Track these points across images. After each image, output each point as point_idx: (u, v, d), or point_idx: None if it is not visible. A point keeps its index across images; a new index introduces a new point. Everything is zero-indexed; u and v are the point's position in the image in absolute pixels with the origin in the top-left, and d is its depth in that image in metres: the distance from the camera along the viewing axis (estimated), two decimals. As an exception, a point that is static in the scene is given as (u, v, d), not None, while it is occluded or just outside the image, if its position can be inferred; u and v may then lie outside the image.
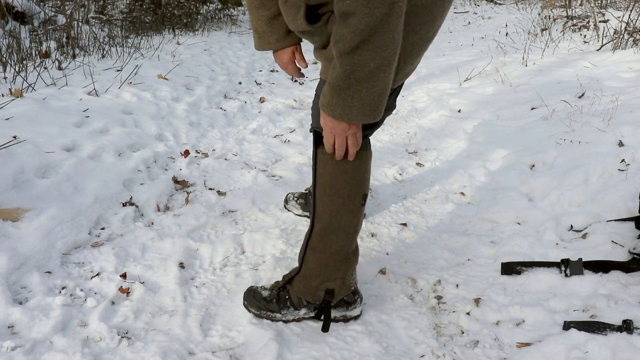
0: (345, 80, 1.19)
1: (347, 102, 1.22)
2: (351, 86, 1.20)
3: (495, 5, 9.77)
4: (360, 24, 1.12)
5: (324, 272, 1.52)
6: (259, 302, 1.59)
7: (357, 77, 1.18)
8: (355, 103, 1.22)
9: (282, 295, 1.58)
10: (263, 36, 1.53)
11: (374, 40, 1.14)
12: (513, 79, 4.01)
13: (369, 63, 1.17)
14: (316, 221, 1.48)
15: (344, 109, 1.24)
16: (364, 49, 1.15)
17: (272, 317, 1.58)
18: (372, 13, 1.11)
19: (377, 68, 1.18)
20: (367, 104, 1.23)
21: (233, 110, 3.66)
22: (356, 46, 1.14)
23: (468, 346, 1.50)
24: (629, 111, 2.72)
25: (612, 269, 1.71)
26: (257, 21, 1.52)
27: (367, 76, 1.18)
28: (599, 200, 2.08)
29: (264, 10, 1.48)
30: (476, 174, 2.58)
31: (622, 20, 4.83)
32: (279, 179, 2.60)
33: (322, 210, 1.46)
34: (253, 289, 1.63)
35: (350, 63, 1.17)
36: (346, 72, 1.18)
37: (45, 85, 3.19)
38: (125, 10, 6.60)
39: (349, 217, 1.47)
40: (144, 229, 2.05)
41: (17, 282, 1.65)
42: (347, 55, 1.16)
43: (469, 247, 2.00)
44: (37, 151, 2.27)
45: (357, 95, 1.21)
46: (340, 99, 1.22)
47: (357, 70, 1.17)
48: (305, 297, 1.55)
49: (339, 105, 1.23)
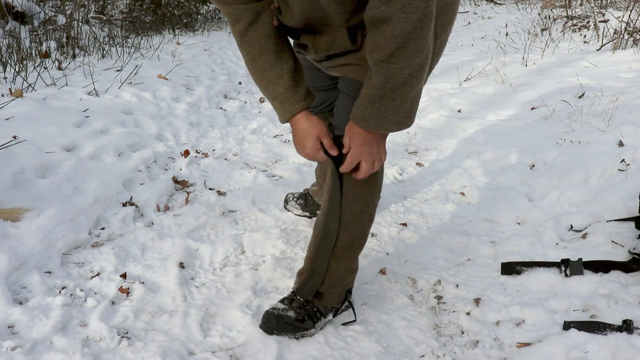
0: (380, 90, 1.18)
1: (382, 112, 1.21)
2: (385, 95, 1.18)
3: (495, 5, 9.77)
4: (395, 29, 1.11)
5: (349, 276, 1.56)
6: (292, 325, 1.50)
7: (392, 85, 1.17)
8: (389, 112, 1.21)
9: (310, 310, 1.53)
10: (288, 97, 1.35)
11: (409, 46, 1.13)
12: (513, 79, 4.01)
13: (403, 70, 1.15)
14: (342, 230, 1.47)
15: (379, 119, 1.22)
16: (399, 57, 1.13)
17: (307, 334, 1.52)
18: (407, 18, 1.10)
19: (410, 75, 1.16)
20: (402, 112, 1.22)
21: (233, 110, 3.66)
22: (392, 54, 1.13)
23: (468, 346, 1.50)
24: (629, 111, 2.72)
25: (612, 269, 1.71)
26: (276, 82, 1.35)
27: (402, 83, 1.17)
28: (599, 200, 2.08)
29: (282, 63, 1.34)
30: (476, 174, 2.58)
31: (622, 20, 4.83)
32: (279, 179, 2.60)
33: (351, 219, 1.46)
34: (276, 314, 1.51)
35: (386, 71, 1.16)
36: (381, 81, 1.17)
37: (45, 85, 3.19)
38: (125, 10, 6.60)
39: (371, 222, 1.53)
40: (144, 229, 2.05)
41: (17, 282, 1.65)
42: (383, 63, 1.15)
43: (469, 247, 2.00)
44: (37, 151, 2.27)
45: (391, 103, 1.19)
46: (375, 109, 1.21)
47: (392, 78, 1.16)
48: (334, 303, 1.56)
49: (373, 115, 1.22)
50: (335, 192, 1.44)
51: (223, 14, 1.35)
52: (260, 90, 1.40)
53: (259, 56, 1.33)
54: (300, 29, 1.34)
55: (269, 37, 1.32)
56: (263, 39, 1.32)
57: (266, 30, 1.31)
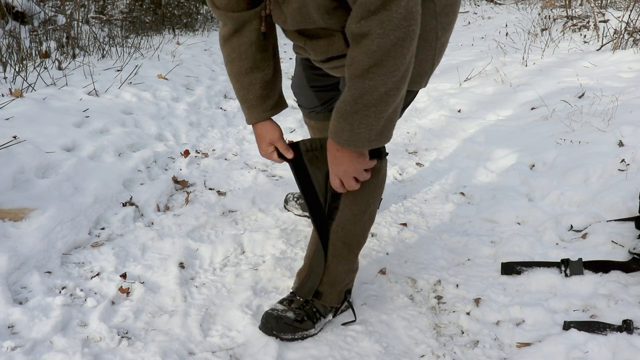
0: (353, 105, 1.16)
1: (354, 128, 1.18)
2: (358, 111, 1.16)
3: (495, 5, 9.77)
4: (372, 45, 1.09)
5: (348, 276, 1.56)
6: (292, 326, 1.49)
7: (366, 101, 1.15)
8: (362, 129, 1.18)
9: (309, 310, 1.53)
10: (256, 105, 1.43)
11: (386, 64, 1.11)
12: (513, 79, 4.01)
13: (379, 88, 1.13)
14: (338, 229, 1.47)
15: (350, 135, 1.20)
16: (375, 73, 1.12)
17: (307, 334, 1.52)
18: (385, 34, 1.08)
19: (386, 93, 1.14)
20: (374, 130, 1.19)
21: (233, 110, 3.66)
22: (367, 69, 1.11)
23: (468, 346, 1.50)
24: (629, 111, 2.72)
25: (612, 269, 1.71)
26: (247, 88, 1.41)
27: (376, 101, 1.15)
28: (599, 200, 2.08)
29: (258, 72, 1.39)
30: (476, 174, 2.58)
31: (622, 20, 4.83)
32: (279, 179, 2.60)
33: (348, 219, 1.46)
34: (275, 315, 1.51)
35: (360, 87, 1.14)
36: (354, 96, 1.15)
37: (45, 85, 3.19)
38: (125, 10, 6.60)
39: (370, 222, 1.52)
40: (144, 229, 2.05)
41: (17, 282, 1.65)
42: (357, 78, 1.13)
43: (469, 247, 2.00)
44: (37, 151, 2.27)
45: (364, 120, 1.17)
46: (347, 124, 1.19)
47: (365, 94, 1.14)
48: (333, 303, 1.55)
49: (345, 130, 1.20)
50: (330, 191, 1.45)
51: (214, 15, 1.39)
52: (234, 91, 1.46)
53: (237, 61, 1.39)
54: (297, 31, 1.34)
55: (250, 46, 1.36)
56: (244, 46, 1.36)
57: (249, 38, 1.35)
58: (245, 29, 1.34)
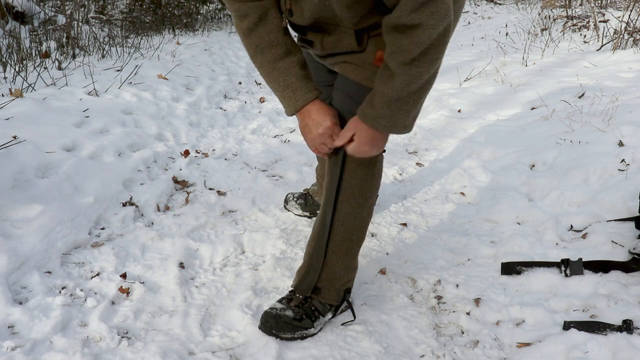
0: (400, 92, 1.21)
1: (394, 114, 1.24)
2: (401, 98, 1.22)
3: (495, 5, 9.77)
4: (423, 35, 1.14)
5: (347, 273, 1.56)
6: (290, 324, 1.49)
7: (411, 89, 1.20)
8: (401, 115, 1.25)
9: (307, 309, 1.52)
10: (301, 86, 1.34)
11: (432, 52, 1.17)
12: (513, 79, 4.01)
13: (423, 75, 1.19)
14: (338, 224, 1.48)
15: (390, 121, 1.25)
16: (422, 61, 1.17)
17: (307, 334, 1.51)
18: (436, 25, 1.13)
19: (428, 80, 1.21)
20: (411, 116, 1.26)
21: (233, 110, 3.66)
22: (416, 57, 1.16)
23: (468, 346, 1.50)
24: (629, 111, 2.72)
25: (612, 269, 1.71)
26: (287, 72, 1.34)
27: (420, 87, 1.21)
28: (599, 200, 2.08)
29: (292, 55, 1.35)
30: (476, 174, 2.58)
31: (622, 20, 4.83)
32: (279, 179, 2.60)
33: (347, 213, 1.47)
34: (273, 314, 1.50)
35: (409, 74, 1.18)
36: (403, 82, 1.20)
37: (45, 85, 3.19)
38: (125, 10, 6.59)
39: (369, 217, 1.53)
40: (144, 229, 2.05)
41: (17, 282, 1.65)
42: (406, 65, 1.18)
43: (469, 247, 2.00)
44: (37, 151, 2.27)
45: (404, 106, 1.23)
46: (389, 111, 1.24)
47: (412, 82, 1.19)
48: (332, 301, 1.55)
49: (385, 117, 1.25)
50: (332, 184, 1.45)
51: (229, 9, 1.36)
52: (268, 83, 1.39)
53: (269, 49, 1.34)
54: (308, 26, 1.36)
55: (278, 31, 1.34)
56: (273, 33, 1.33)
57: (275, 25, 1.34)
58: (270, 16, 1.33)
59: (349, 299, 1.58)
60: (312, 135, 1.38)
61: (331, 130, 1.37)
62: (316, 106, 1.36)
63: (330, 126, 1.36)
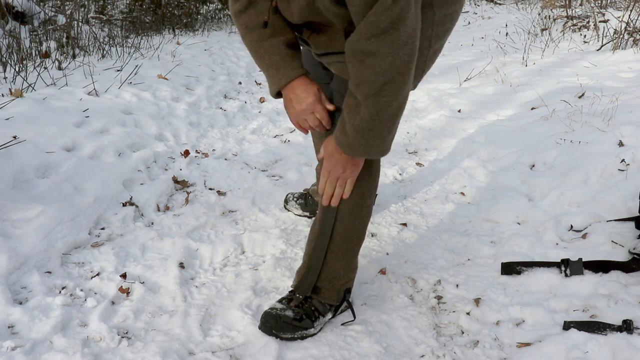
0: (370, 122, 1.22)
1: (369, 142, 1.26)
2: (375, 127, 1.23)
3: (495, 5, 9.77)
4: (384, 64, 1.13)
5: (347, 273, 1.56)
6: (290, 324, 1.50)
7: (381, 117, 1.21)
8: (376, 142, 1.26)
9: (307, 309, 1.53)
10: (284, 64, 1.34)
11: (397, 80, 1.16)
12: (513, 79, 4.01)
13: (392, 103, 1.20)
14: (338, 224, 1.48)
15: (366, 148, 1.28)
16: (388, 90, 1.17)
17: (306, 334, 1.52)
18: (395, 53, 1.13)
19: (398, 107, 1.21)
20: (386, 141, 1.28)
21: (233, 110, 3.66)
22: (381, 87, 1.16)
23: (468, 346, 1.50)
24: (629, 111, 2.72)
25: (612, 269, 1.71)
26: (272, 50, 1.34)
27: (391, 116, 1.22)
28: (599, 200, 2.08)
29: (279, 36, 1.35)
30: (476, 174, 2.58)
31: (622, 20, 4.83)
32: (279, 179, 2.60)
33: (346, 213, 1.47)
34: (274, 314, 1.51)
35: (376, 105, 1.19)
36: (372, 114, 1.21)
37: (45, 85, 3.19)
38: (125, 10, 6.59)
39: (368, 217, 1.53)
40: (144, 229, 2.05)
41: (17, 282, 1.65)
42: (373, 97, 1.18)
43: (469, 247, 2.00)
44: (37, 151, 2.27)
45: (378, 134, 1.25)
46: (364, 140, 1.26)
47: (381, 111, 1.20)
48: (332, 301, 1.55)
49: (361, 145, 1.27)
50: None
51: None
52: (256, 62, 1.40)
53: (257, 29, 1.35)
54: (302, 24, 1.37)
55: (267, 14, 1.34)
56: (262, 15, 1.34)
57: (265, 8, 1.33)
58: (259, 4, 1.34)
59: (349, 299, 1.58)
60: (295, 110, 1.39)
61: (313, 107, 1.37)
62: (300, 82, 1.36)
63: (312, 102, 1.36)
